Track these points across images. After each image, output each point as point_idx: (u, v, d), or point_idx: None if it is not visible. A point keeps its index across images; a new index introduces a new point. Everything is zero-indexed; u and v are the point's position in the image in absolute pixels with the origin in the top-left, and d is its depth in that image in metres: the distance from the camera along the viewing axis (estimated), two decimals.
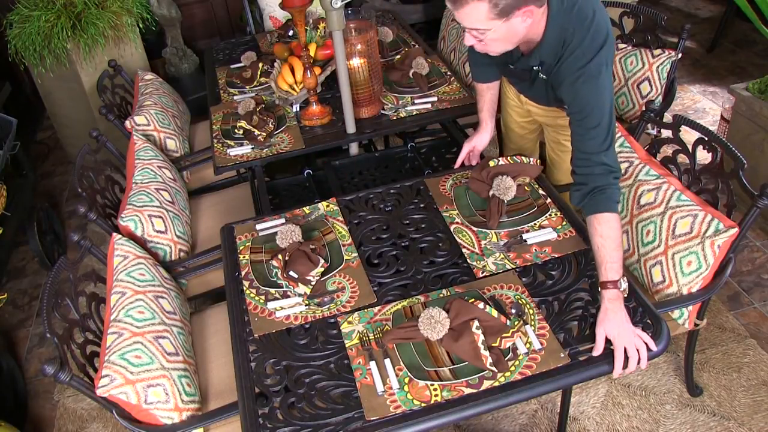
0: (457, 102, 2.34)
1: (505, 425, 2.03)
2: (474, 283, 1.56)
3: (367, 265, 1.65)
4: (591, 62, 1.49)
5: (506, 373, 1.33)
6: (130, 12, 3.13)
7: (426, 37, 3.44)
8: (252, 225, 1.84)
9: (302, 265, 1.58)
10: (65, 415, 2.28)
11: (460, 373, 1.34)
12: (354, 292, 1.57)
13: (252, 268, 1.68)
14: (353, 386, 1.35)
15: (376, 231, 1.77)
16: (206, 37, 4.52)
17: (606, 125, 1.50)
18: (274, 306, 1.56)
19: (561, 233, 1.67)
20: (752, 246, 2.60)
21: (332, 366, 1.40)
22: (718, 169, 1.69)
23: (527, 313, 1.46)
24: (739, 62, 3.95)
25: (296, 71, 2.37)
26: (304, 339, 1.48)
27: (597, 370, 1.35)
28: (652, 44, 2.39)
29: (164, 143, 2.43)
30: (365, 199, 1.90)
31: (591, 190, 1.51)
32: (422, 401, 1.30)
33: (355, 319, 1.50)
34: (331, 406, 1.32)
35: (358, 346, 1.43)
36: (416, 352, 1.39)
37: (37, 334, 2.65)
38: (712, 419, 1.97)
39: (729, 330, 2.25)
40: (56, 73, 3.06)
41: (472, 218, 1.75)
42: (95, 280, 1.74)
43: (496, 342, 1.37)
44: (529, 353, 1.37)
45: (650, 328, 1.39)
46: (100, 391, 1.39)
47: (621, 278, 1.42)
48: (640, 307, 1.45)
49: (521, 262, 1.60)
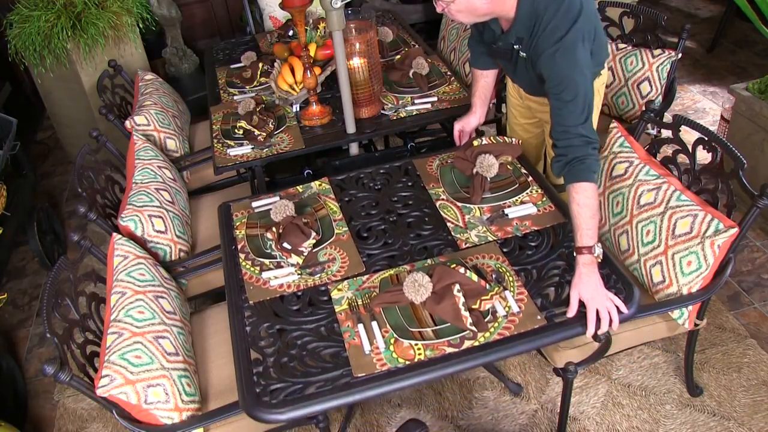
0: (457, 102, 2.34)
1: (505, 425, 2.03)
2: (457, 253, 1.66)
3: (356, 238, 1.75)
4: (566, 35, 1.53)
5: (486, 333, 1.42)
6: (130, 12, 3.13)
7: (426, 37, 3.44)
8: (248, 203, 1.94)
9: (295, 237, 1.67)
10: (65, 415, 2.28)
11: (442, 334, 1.43)
12: (344, 263, 1.66)
13: (248, 241, 1.78)
14: (342, 347, 1.44)
15: (366, 207, 1.87)
16: (206, 37, 4.52)
17: (582, 98, 1.55)
18: (268, 276, 1.65)
19: (541, 208, 1.77)
20: (752, 246, 2.60)
21: (323, 329, 1.49)
22: (718, 169, 1.69)
23: (507, 280, 1.55)
24: (739, 62, 3.95)
25: (296, 71, 2.37)
26: (296, 305, 1.56)
27: (572, 332, 1.44)
28: (652, 44, 2.39)
29: (164, 143, 2.43)
30: (356, 178, 2.00)
31: (570, 161, 1.57)
32: (406, 359, 1.39)
33: (345, 287, 1.59)
34: (321, 365, 1.40)
35: (347, 311, 1.52)
36: (401, 315, 1.49)
37: (37, 334, 2.65)
38: (712, 419, 1.97)
39: (729, 330, 2.25)
40: (56, 73, 3.06)
41: (456, 195, 1.85)
42: (95, 280, 1.74)
43: (476, 304, 1.47)
44: (508, 316, 1.46)
45: (622, 293, 1.49)
46: (100, 391, 1.40)
47: (595, 244, 1.50)
48: (613, 274, 1.54)
49: (503, 234, 1.70)
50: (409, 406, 2.12)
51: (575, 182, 1.55)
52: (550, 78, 1.59)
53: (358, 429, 2.07)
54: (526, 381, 2.15)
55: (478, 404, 2.10)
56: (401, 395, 2.15)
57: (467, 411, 2.08)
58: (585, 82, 1.55)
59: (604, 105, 2.52)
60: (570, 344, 1.68)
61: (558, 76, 1.56)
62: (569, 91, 1.55)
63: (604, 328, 1.45)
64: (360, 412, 2.12)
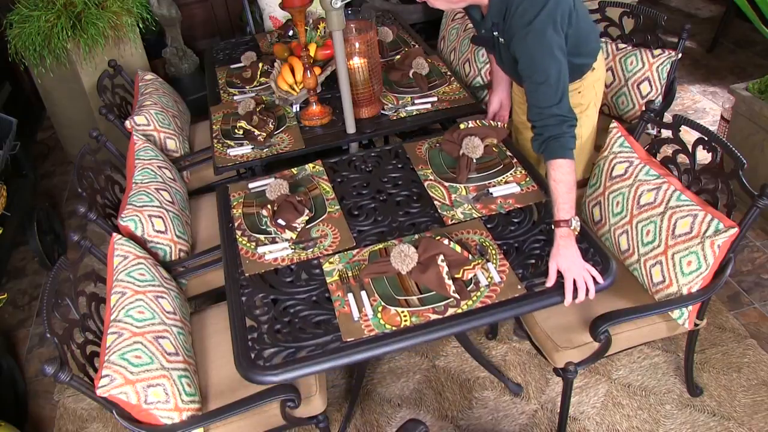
0: (457, 102, 2.34)
1: (505, 425, 2.03)
2: (443, 229, 1.73)
3: (348, 215, 1.83)
4: (536, 19, 1.57)
5: (468, 301, 1.49)
6: (130, 12, 3.13)
7: (426, 37, 3.44)
8: (245, 184, 2.03)
9: (289, 213, 1.75)
10: (65, 415, 2.28)
11: (428, 302, 1.51)
12: (335, 238, 1.74)
13: (244, 219, 1.86)
14: (332, 315, 1.51)
15: (357, 188, 1.95)
16: (206, 37, 4.52)
17: (554, 81, 1.60)
18: (263, 250, 1.72)
19: (524, 187, 1.83)
20: (752, 246, 2.60)
21: (314, 299, 1.57)
22: (718, 169, 1.69)
23: (490, 253, 1.62)
24: (739, 62, 3.95)
25: (296, 71, 2.37)
26: (289, 277, 1.64)
27: (550, 300, 1.50)
28: (652, 44, 2.39)
29: (164, 143, 2.43)
30: (348, 161, 2.08)
31: (546, 139, 1.63)
32: (393, 325, 1.46)
33: (336, 260, 1.66)
34: (312, 331, 1.48)
35: (337, 281, 1.59)
36: (389, 285, 1.56)
37: (37, 334, 2.65)
38: (712, 419, 1.97)
39: (729, 330, 2.25)
40: (56, 73, 3.06)
41: (444, 175, 1.92)
42: (95, 280, 1.74)
43: (459, 274, 1.53)
44: (490, 285, 1.53)
45: (599, 265, 1.55)
46: (100, 391, 1.40)
47: (572, 218, 1.57)
48: (591, 247, 1.60)
49: (487, 211, 1.77)
50: (409, 406, 2.12)
51: (551, 159, 1.62)
52: (522, 61, 1.65)
53: (358, 429, 2.07)
54: (526, 381, 2.15)
55: (478, 404, 2.10)
56: (401, 395, 2.15)
57: (467, 411, 2.08)
58: (557, 65, 1.60)
59: (604, 105, 2.52)
60: (570, 344, 1.69)
61: (529, 59, 1.62)
62: (540, 74, 1.60)
63: (580, 297, 1.51)
64: (360, 412, 2.12)
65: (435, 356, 2.27)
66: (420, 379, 2.20)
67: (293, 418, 1.63)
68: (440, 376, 2.20)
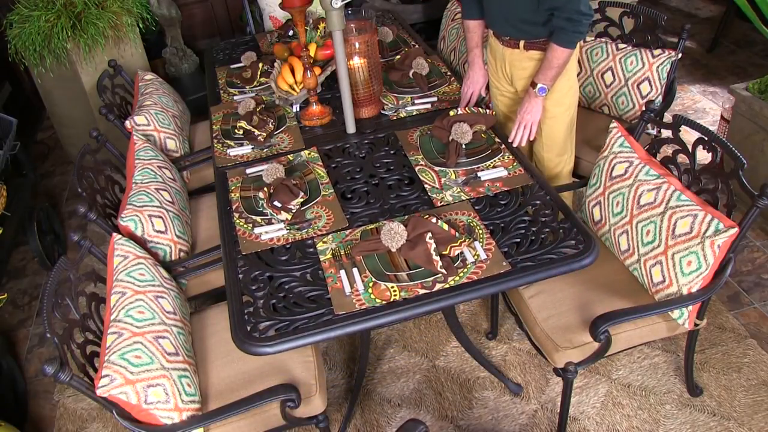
0: (457, 102, 2.33)
1: (505, 425, 2.03)
2: (433, 210, 1.80)
3: (341, 198, 1.89)
4: None
5: (455, 277, 1.55)
6: (130, 12, 3.13)
7: (426, 37, 3.44)
8: (243, 170, 2.09)
9: (285, 196, 1.82)
10: (65, 415, 2.28)
11: (416, 277, 1.57)
12: (329, 219, 1.81)
13: (242, 201, 1.93)
14: (325, 290, 1.57)
15: (351, 173, 2.02)
16: (206, 37, 4.52)
17: None
18: (259, 231, 1.80)
19: (512, 172, 1.90)
20: (752, 246, 2.60)
21: (308, 275, 1.63)
22: (718, 169, 1.69)
23: (477, 232, 1.68)
24: (739, 62, 3.95)
25: (296, 71, 2.37)
26: (284, 256, 1.71)
27: (533, 277, 1.56)
28: (652, 44, 2.39)
29: (164, 143, 2.43)
30: (342, 147, 2.16)
31: (561, 26, 1.84)
32: (383, 300, 1.52)
33: (329, 240, 1.73)
34: (306, 305, 1.54)
35: (330, 259, 1.66)
36: (379, 261, 1.62)
37: (37, 334, 2.65)
38: (712, 419, 1.97)
39: (729, 330, 2.25)
40: (56, 73, 3.06)
41: (434, 160, 1.99)
42: (95, 280, 1.74)
43: (446, 251, 1.60)
44: (476, 262, 1.59)
45: (582, 244, 1.60)
46: (100, 391, 1.40)
47: (543, 86, 1.93)
48: (574, 227, 1.65)
49: (475, 194, 1.83)
50: (409, 406, 2.12)
51: (555, 44, 1.87)
52: None
53: (358, 429, 2.07)
54: (526, 381, 2.15)
55: (478, 404, 2.10)
56: (401, 395, 2.15)
57: (467, 411, 2.08)
58: None
59: (604, 105, 2.53)
60: (570, 344, 1.69)
61: None
62: None
63: (519, 134, 1.96)
64: (360, 412, 2.12)
65: (435, 356, 2.27)
66: (420, 379, 2.21)
67: (293, 418, 1.64)
68: (440, 376, 2.20)
